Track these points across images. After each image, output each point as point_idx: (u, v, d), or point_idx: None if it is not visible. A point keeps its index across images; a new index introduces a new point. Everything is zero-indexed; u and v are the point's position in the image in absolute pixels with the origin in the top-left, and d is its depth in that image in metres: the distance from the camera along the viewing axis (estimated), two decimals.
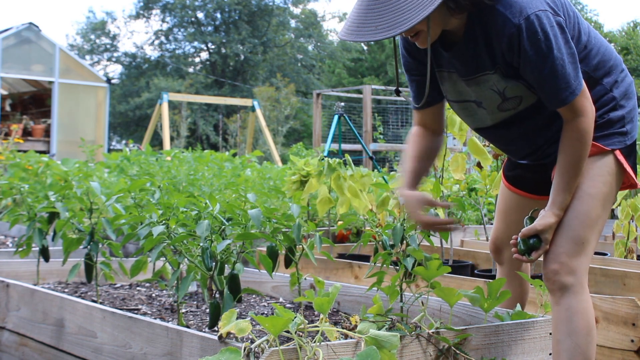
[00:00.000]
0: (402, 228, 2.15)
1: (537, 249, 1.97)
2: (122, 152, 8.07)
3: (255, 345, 1.65)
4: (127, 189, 2.66)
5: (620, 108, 2.06)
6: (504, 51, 1.91)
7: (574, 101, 1.91)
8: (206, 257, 2.16)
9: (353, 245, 4.28)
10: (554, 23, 1.87)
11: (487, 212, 6.26)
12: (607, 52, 2.08)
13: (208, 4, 35.69)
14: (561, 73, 1.87)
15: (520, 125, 2.08)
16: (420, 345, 1.85)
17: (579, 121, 1.93)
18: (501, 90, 2.00)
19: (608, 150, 2.02)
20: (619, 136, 2.04)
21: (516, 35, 1.86)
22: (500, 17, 1.87)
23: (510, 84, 1.98)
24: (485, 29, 1.92)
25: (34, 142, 14.93)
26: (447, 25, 1.96)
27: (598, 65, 2.05)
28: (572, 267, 1.95)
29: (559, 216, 1.97)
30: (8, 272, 3.18)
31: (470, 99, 2.09)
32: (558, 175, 1.98)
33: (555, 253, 1.97)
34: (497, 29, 1.89)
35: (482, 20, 1.92)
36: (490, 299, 2.10)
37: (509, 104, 2.03)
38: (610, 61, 2.08)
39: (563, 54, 1.87)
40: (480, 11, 1.90)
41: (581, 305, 1.95)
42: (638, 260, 3.78)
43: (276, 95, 24.80)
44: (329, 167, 3.95)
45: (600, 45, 2.08)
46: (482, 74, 1.99)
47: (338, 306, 2.74)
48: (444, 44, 2.03)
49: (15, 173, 5.63)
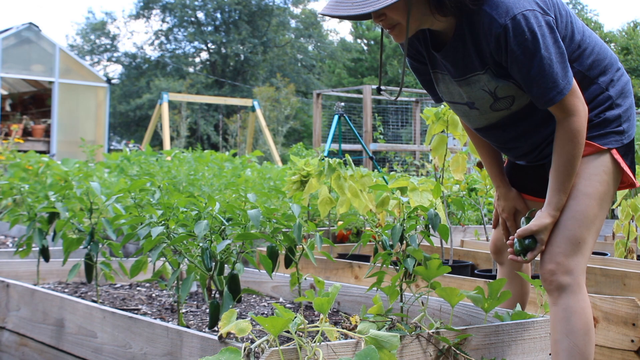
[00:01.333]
0: (401, 228, 2.15)
1: (532, 249, 1.98)
2: (122, 152, 8.07)
3: (255, 345, 1.65)
4: (127, 189, 2.66)
5: (617, 107, 2.06)
6: (492, 51, 1.92)
7: (563, 100, 1.91)
8: (206, 257, 2.16)
9: (353, 246, 4.28)
10: (542, 22, 1.87)
11: (487, 212, 6.26)
12: (602, 51, 2.07)
13: (208, 4, 35.69)
14: (549, 72, 1.88)
15: (515, 126, 2.09)
16: (420, 345, 1.85)
17: (570, 120, 1.94)
18: (492, 90, 2.01)
19: (604, 149, 2.01)
20: (616, 135, 2.03)
21: (503, 35, 1.87)
22: (487, 18, 1.89)
23: (501, 84, 1.99)
24: (473, 30, 1.94)
25: (34, 142, 14.94)
26: (432, 25, 1.98)
27: (593, 64, 2.04)
28: (568, 267, 1.95)
29: (554, 217, 1.97)
30: (8, 272, 3.18)
31: (462, 101, 2.11)
32: (552, 176, 1.98)
33: (551, 253, 1.97)
34: (485, 29, 1.90)
35: (470, 21, 1.93)
36: (491, 299, 2.10)
37: (501, 103, 2.03)
38: (605, 60, 2.07)
39: (551, 53, 1.87)
40: (467, 14, 1.92)
41: (579, 304, 1.95)
42: (638, 260, 3.77)
43: (276, 95, 24.80)
44: (329, 167, 3.95)
45: (595, 44, 2.07)
46: (472, 75, 2.01)
47: (338, 306, 2.75)
48: (435, 45, 2.05)
49: (16, 173, 5.63)
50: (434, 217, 2.18)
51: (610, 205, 2.09)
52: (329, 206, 3.95)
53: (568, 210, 1.98)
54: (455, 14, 1.92)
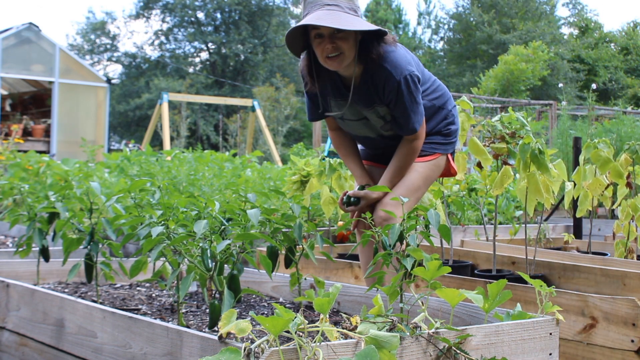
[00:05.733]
0: (400, 228, 2.15)
1: (354, 205, 2.88)
2: (122, 152, 8.07)
3: (255, 345, 1.65)
4: (127, 189, 2.66)
5: (455, 123, 3.07)
6: (386, 94, 2.76)
7: (419, 130, 2.85)
8: (206, 258, 2.16)
9: (353, 246, 4.28)
10: (416, 80, 2.77)
11: (487, 212, 6.26)
12: (440, 86, 3.04)
13: (208, 4, 35.70)
14: (419, 112, 2.82)
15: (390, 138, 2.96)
16: (421, 345, 1.85)
17: (415, 143, 2.88)
18: (384, 116, 2.86)
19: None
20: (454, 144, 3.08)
21: (396, 87, 2.73)
22: (386, 72, 2.73)
23: (389, 113, 2.86)
24: (375, 79, 2.76)
25: (34, 142, 14.94)
26: (346, 71, 2.77)
27: (438, 96, 2.99)
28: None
29: (378, 196, 2.86)
30: (8, 272, 3.18)
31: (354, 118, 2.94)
32: (388, 171, 2.90)
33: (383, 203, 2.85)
34: (384, 79, 2.73)
35: (373, 73, 2.75)
36: (491, 299, 2.10)
37: (387, 125, 2.90)
38: (444, 91, 3.05)
39: (419, 101, 2.81)
40: (373, 67, 2.74)
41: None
42: (638, 261, 3.77)
43: (276, 95, 24.81)
44: (330, 167, 3.95)
45: (435, 81, 3.04)
46: (374, 106, 2.83)
47: (338, 306, 2.75)
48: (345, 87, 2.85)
49: (16, 173, 5.64)
50: (434, 217, 2.18)
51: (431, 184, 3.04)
52: (332, 206, 3.96)
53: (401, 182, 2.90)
54: (372, 65, 2.73)
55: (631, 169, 4.06)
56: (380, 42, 2.73)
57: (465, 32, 35.87)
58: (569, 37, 36.51)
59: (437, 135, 3.01)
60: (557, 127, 10.66)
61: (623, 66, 33.11)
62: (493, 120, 3.51)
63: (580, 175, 4.03)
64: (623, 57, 33.73)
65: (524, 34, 32.81)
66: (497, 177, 3.37)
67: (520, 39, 31.63)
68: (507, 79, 22.71)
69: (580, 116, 12.69)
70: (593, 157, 3.85)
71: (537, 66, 24.10)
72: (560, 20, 37.79)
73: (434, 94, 2.99)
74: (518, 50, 24.02)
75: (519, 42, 29.56)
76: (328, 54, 2.66)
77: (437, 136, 3.01)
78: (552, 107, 13.53)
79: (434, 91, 2.99)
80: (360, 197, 2.87)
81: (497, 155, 3.47)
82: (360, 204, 2.87)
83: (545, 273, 3.50)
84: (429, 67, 34.68)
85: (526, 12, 35.34)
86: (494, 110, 14.44)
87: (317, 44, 2.68)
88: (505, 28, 34.46)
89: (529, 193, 3.21)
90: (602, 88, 30.97)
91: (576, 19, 38.26)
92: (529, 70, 23.10)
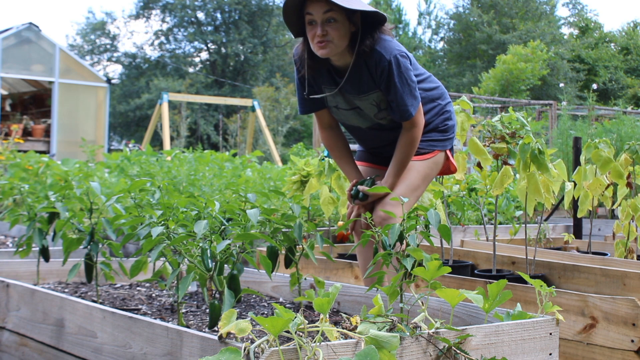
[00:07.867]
0: (400, 228, 2.15)
1: (360, 200, 2.90)
2: (122, 152, 8.07)
3: (255, 346, 1.65)
4: (127, 189, 2.66)
5: (452, 119, 3.05)
6: (379, 76, 2.75)
7: (415, 115, 2.80)
8: (206, 258, 2.16)
9: (353, 246, 4.28)
10: (407, 61, 2.77)
11: (487, 212, 6.26)
12: (435, 80, 3.02)
13: (208, 4, 35.69)
14: (414, 96, 2.79)
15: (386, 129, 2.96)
16: (421, 345, 1.85)
17: (413, 131, 2.84)
18: (378, 103, 2.84)
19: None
20: (452, 140, 3.05)
21: (387, 67, 2.73)
22: (378, 54, 2.73)
23: (384, 100, 2.84)
24: (368, 63, 2.75)
25: (34, 142, 14.94)
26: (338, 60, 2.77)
27: (432, 88, 2.97)
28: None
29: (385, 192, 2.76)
30: (8, 272, 3.18)
31: (346, 107, 2.93)
32: (392, 165, 2.88)
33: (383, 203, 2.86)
34: (376, 61, 2.73)
35: (367, 58, 2.75)
36: (491, 299, 2.10)
37: (382, 114, 2.89)
38: (439, 85, 3.03)
39: (412, 84, 2.78)
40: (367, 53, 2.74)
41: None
42: (638, 260, 3.77)
43: (276, 95, 24.81)
44: (329, 167, 3.95)
45: (430, 76, 3.02)
46: (368, 93, 2.82)
47: (338, 306, 2.75)
48: (338, 75, 2.85)
49: (16, 173, 5.64)
50: (434, 216, 2.18)
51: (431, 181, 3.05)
52: (332, 206, 3.96)
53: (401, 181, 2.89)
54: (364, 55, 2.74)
55: (631, 169, 4.06)
56: (378, 33, 2.75)
57: (465, 32, 35.86)
58: (569, 37, 36.51)
59: (434, 132, 3.00)
60: (557, 127, 10.66)
61: (623, 66, 33.11)
62: (493, 120, 3.51)
63: (580, 175, 4.03)
64: (623, 57, 33.73)
65: (524, 34, 32.81)
66: (497, 177, 3.37)
67: (520, 39, 31.63)
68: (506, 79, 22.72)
69: (580, 116, 12.68)
70: (594, 157, 3.85)
71: (537, 65, 24.12)
72: (560, 20, 37.79)
73: (426, 84, 2.97)
74: (517, 50, 24.04)
75: (518, 42, 29.55)
76: (318, 40, 2.69)
77: (434, 133, 2.99)
78: (552, 107, 13.53)
79: (426, 81, 2.98)
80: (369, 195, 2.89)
81: (497, 155, 3.47)
82: (368, 200, 2.90)
83: (545, 273, 3.50)
84: (429, 67, 34.73)
85: (526, 12, 35.35)
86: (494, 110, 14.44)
87: (310, 29, 2.72)
88: (505, 28, 34.46)
89: (529, 193, 3.21)
90: (602, 88, 30.97)
91: (576, 19, 38.26)
92: (529, 69, 23.12)
